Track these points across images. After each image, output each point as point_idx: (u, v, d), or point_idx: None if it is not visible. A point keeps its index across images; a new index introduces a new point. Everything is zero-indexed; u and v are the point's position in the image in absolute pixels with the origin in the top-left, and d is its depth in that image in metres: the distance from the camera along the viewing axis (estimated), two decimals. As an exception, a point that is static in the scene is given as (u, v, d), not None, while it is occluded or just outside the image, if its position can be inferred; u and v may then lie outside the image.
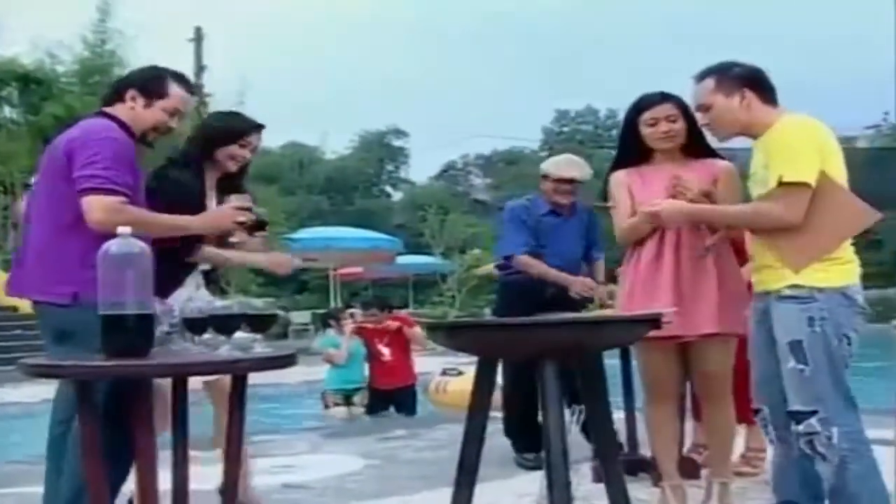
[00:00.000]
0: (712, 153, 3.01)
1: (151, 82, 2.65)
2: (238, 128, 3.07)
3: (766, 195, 2.47)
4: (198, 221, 2.74)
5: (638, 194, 2.97)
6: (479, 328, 2.40)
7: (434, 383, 7.78)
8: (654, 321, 2.45)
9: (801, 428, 2.43)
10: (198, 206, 2.85)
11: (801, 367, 2.42)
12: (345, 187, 39.57)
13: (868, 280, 2.77)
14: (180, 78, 2.72)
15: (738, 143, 2.81)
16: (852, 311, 2.44)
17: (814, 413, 2.41)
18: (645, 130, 2.96)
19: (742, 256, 3.54)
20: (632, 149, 3.01)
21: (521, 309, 3.26)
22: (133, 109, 2.61)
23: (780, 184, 2.40)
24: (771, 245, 2.50)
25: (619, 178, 3.05)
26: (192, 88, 2.81)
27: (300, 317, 19.52)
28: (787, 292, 2.45)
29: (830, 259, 2.44)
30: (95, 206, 2.40)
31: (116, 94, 2.65)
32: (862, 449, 2.41)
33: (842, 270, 2.45)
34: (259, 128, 3.09)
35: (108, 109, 2.64)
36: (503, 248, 4.22)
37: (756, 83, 2.58)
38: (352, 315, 7.44)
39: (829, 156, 2.46)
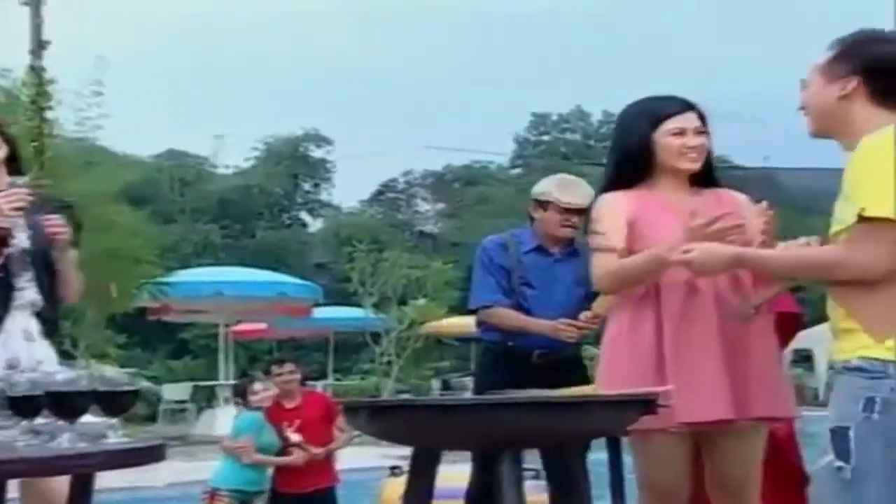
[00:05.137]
0: (716, 180, 3.13)
1: None
2: None
3: (841, 235, 2.42)
4: None
5: (645, 228, 3.02)
6: (412, 410, 2.44)
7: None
8: (648, 404, 2.52)
9: None
10: None
11: (839, 464, 2.36)
12: (244, 213, 39.35)
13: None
14: None
15: (778, 161, 2.89)
16: None
17: None
18: (667, 142, 3.03)
19: (789, 327, 3.64)
20: (638, 167, 3.08)
21: (505, 379, 3.33)
22: None
23: (860, 219, 2.34)
24: (844, 304, 2.46)
25: (617, 200, 3.08)
26: None
27: (176, 391, 19.28)
28: (855, 363, 2.41)
29: None
30: None
31: None
32: None
33: None
34: None
35: None
36: (472, 299, 4.29)
37: (876, 72, 2.53)
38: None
39: None
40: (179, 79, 57.18)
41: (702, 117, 3.08)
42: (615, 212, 3.05)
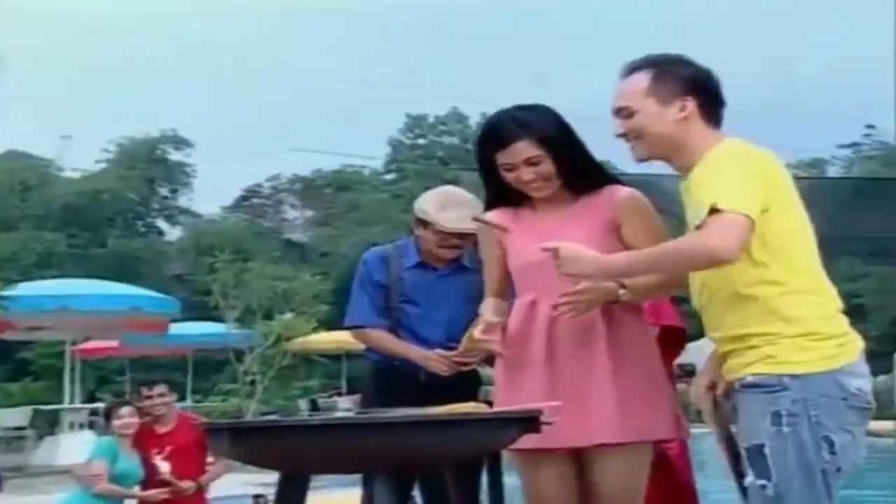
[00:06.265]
0: (609, 178, 3.15)
1: None
2: None
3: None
4: None
5: (510, 252, 3.12)
6: (276, 431, 2.42)
7: None
8: (530, 421, 2.54)
9: None
10: None
11: (762, 482, 2.52)
12: (93, 220, 38.55)
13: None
14: None
15: (660, 167, 2.95)
16: (844, 406, 2.52)
17: None
18: (504, 175, 3.09)
19: (674, 342, 3.70)
20: (499, 188, 3.14)
21: (394, 399, 3.33)
22: None
23: (711, 211, 2.49)
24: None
25: (490, 221, 3.18)
26: None
27: (13, 417, 18.66)
28: (749, 380, 2.57)
29: (812, 333, 2.55)
30: None
31: None
32: None
33: (830, 347, 2.55)
34: None
35: None
36: (347, 318, 4.29)
37: (704, 92, 2.72)
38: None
39: (780, 196, 2.60)
40: (21, 73, 55.55)
41: (542, 138, 3.02)
42: (486, 241, 3.22)
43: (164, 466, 6.55)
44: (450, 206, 4.03)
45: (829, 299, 2.64)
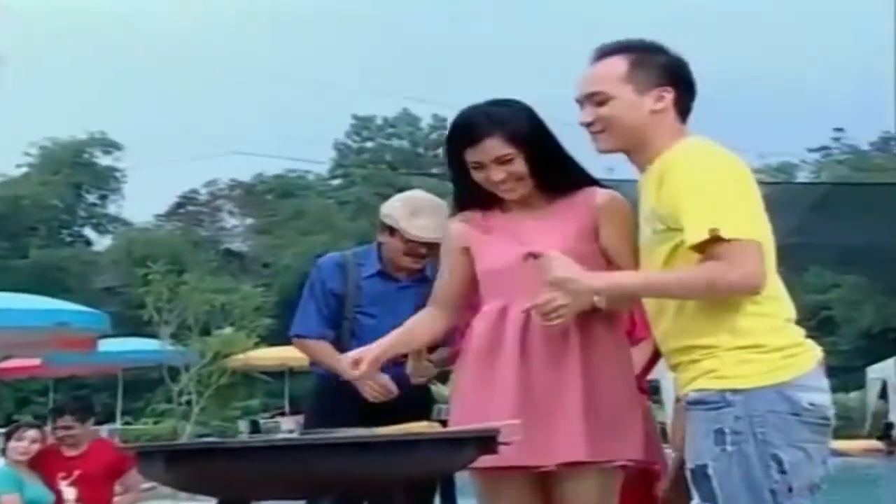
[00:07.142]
0: (586, 179, 3.12)
1: None
2: None
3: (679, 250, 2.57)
4: None
5: (480, 255, 3.10)
6: (215, 455, 2.39)
7: None
8: (487, 441, 2.54)
9: None
10: None
11: None
12: (14, 229, 38.18)
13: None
14: None
15: (622, 172, 2.94)
16: (795, 422, 2.52)
17: None
18: (474, 175, 3.06)
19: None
20: (468, 189, 3.12)
21: (342, 416, 3.36)
22: None
23: (717, 240, 2.47)
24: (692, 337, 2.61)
25: (456, 230, 3.17)
26: None
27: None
28: (694, 396, 2.58)
29: (757, 346, 2.55)
30: None
31: None
32: None
33: (776, 360, 2.55)
34: None
35: None
36: (292, 326, 4.30)
37: (680, 83, 2.71)
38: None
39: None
40: (-64, 70, 54.84)
41: (514, 135, 2.99)
42: (449, 246, 3.19)
43: (70, 493, 6.44)
44: (420, 213, 4.03)
45: (781, 308, 2.64)
